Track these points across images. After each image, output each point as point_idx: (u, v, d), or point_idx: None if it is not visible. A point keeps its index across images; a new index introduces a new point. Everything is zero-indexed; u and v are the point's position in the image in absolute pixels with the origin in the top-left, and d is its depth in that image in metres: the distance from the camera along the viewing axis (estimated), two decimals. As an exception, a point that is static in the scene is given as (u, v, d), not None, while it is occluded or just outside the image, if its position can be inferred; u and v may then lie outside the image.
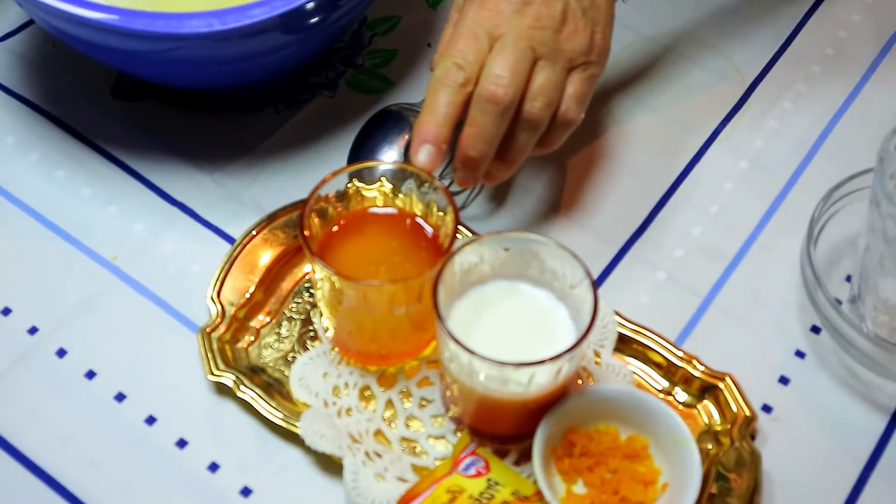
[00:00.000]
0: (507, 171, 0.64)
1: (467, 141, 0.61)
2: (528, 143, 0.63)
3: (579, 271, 0.57)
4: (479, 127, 0.60)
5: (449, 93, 0.60)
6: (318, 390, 0.62)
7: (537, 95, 0.61)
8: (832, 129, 0.76)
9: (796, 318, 0.67)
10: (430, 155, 0.59)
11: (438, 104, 0.60)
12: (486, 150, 0.61)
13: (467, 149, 0.61)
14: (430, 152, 0.59)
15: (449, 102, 0.60)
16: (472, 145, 0.61)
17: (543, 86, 0.61)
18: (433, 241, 0.61)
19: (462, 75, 0.60)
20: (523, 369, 0.54)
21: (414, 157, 0.60)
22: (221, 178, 0.71)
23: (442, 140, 0.59)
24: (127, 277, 0.67)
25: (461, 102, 0.60)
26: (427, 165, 0.59)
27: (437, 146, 0.59)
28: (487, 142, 0.61)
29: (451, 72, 0.60)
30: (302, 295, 0.66)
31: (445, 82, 0.60)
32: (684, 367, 0.64)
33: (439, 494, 0.57)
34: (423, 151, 0.59)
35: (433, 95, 0.60)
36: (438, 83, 0.60)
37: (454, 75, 0.60)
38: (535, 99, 0.61)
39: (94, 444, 0.61)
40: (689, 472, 0.57)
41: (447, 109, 0.60)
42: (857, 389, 0.64)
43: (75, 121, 0.73)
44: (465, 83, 0.60)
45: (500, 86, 0.59)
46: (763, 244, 0.70)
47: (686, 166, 0.74)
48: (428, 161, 0.59)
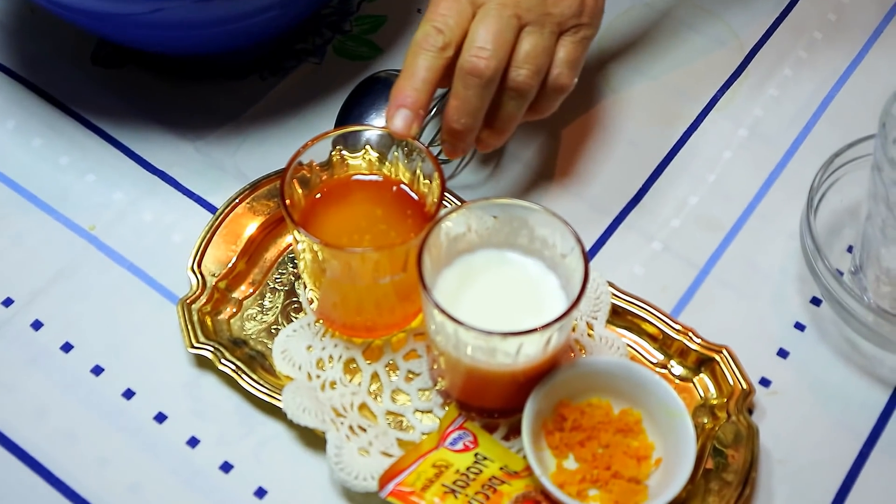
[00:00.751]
0: (497, 139, 0.62)
1: (451, 113, 0.59)
2: (516, 112, 0.61)
3: (570, 239, 0.55)
4: (463, 100, 0.59)
5: (428, 57, 0.58)
6: (301, 363, 0.60)
7: (523, 63, 0.59)
8: (834, 97, 0.74)
9: (796, 290, 0.65)
10: (407, 120, 0.57)
11: (417, 68, 0.58)
12: (471, 123, 0.60)
13: (452, 121, 0.60)
14: (407, 117, 0.57)
15: (427, 67, 0.58)
16: (457, 118, 0.59)
17: (530, 53, 0.59)
18: (419, 209, 0.59)
19: (441, 39, 0.58)
20: (511, 339, 0.52)
21: (389, 122, 0.58)
22: (204, 146, 0.69)
23: (419, 105, 0.58)
24: (105, 247, 0.65)
25: (440, 67, 0.58)
26: (402, 130, 0.57)
27: (413, 111, 0.57)
28: (471, 114, 0.59)
29: (431, 36, 0.58)
30: (286, 266, 0.65)
31: (424, 46, 0.58)
32: (680, 339, 0.62)
33: (425, 469, 0.55)
34: (399, 116, 0.57)
35: (412, 59, 0.58)
36: (417, 47, 0.58)
37: (433, 39, 0.58)
38: (521, 67, 0.59)
39: (71, 419, 0.59)
40: (683, 447, 0.55)
41: (425, 74, 0.58)
42: (858, 363, 0.63)
43: (54, 88, 0.71)
44: (445, 47, 0.58)
45: (482, 58, 0.58)
46: (762, 214, 0.68)
47: (683, 134, 0.72)
48: (403, 126, 0.57)
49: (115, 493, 0.57)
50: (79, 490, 0.57)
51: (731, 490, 0.56)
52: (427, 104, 0.58)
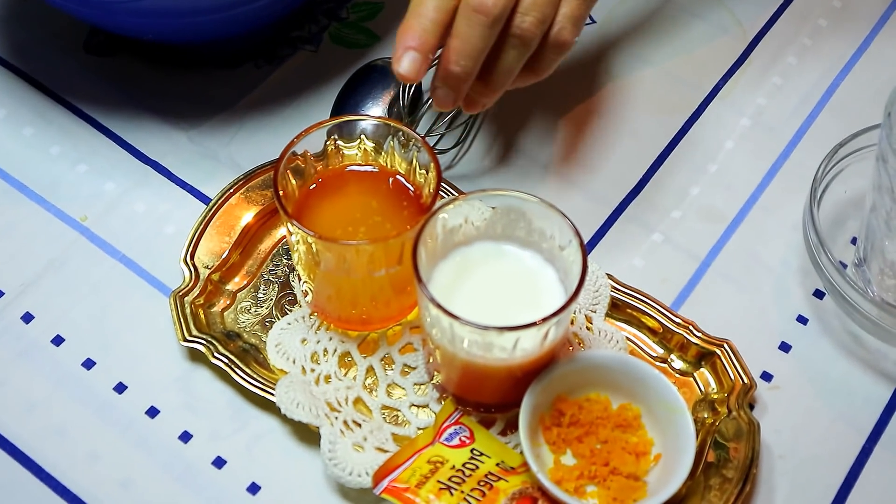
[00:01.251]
0: (489, 96, 0.58)
1: (451, 55, 0.55)
2: (515, 64, 0.57)
3: (568, 231, 0.54)
4: (464, 39, 0.55)
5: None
6: (295, 357, 0.59)
7: (530, 9, 0.55)
8: (838, 86, 0.72)
9: (798, 283, 0.64)
10: (415, 62, 0.54)
11: (425, 8, 0.54)
12: (471, 66, 0.55)
13: (450, 63, 0.55)
14: (415, 59, 0.54)
15: (436, 7, 0.54)
16: (456, 60, 0.55)
17: (537, 1, 0.56)
18: (416, 201, 0.58)
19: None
20: (507, 334, 0.51)
21: (396, 65, 0.54)
22: (198, 135, 0.68)
23: (428, 47, 0.54)
24: (97, 238, 0.64)
25: (451, 8, 0.54)
26: (410, 74, 0.54)
27: (422, 53, 0.54)
28: (473, 57, 0.55)
29: None
30: (280, 257, 0.64)
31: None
32: (681, 333, 0.61)
33: (420, 465, 0.54)
34: (408, 58, 0.54)
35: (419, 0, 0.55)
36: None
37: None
38: (528, 13, 0.55)
39: (61, 413, 0.58)
40: (683, 443, 0.54)
41: (435, 14, 0.54)
42: (862, 357, 0.62)
43: (45, 76, 0.70)
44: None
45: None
46: (764, 205, 0.67)
47: (685, 124, 0.70)
48: (412, 69, 0.54)
49: (106, 489, 0.56)
50: (69, 486, 0.56)
51: (732, 486, 0.55)
52: (435, 47, 0.54)
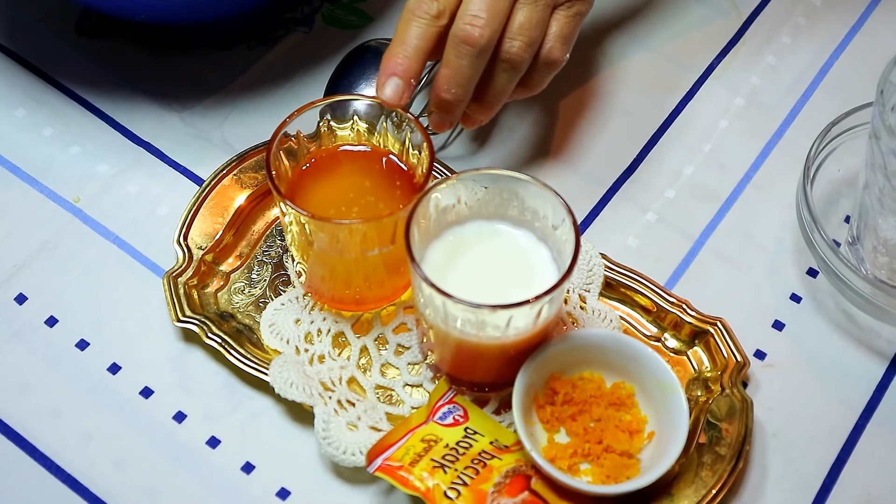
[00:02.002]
0: (485, 114, 0.61)
1: (442, 83, 0.58)
2: (507, 85, 0.60)
3: (561, 210, 0.54)
4: (454, 69, 0.57)
5: (421, 24, 0.57)
6: (289, 337, 0.59)
7: (517, 35, 0.58)
8: (832, 65, 0.72)
9: (792, 261, 0.64)
10: (398, 89, 0.56)
11: (409, 36, 0.57)
12: (462, 94, 0.58)
13: (442, 91, 0.58)
14: (398, 86, 0.56)
15: (420, 35, 0.57)
16: (447, 88, 0.58)
17: (524, 24, 0.58)
18: (409, 181, 0.58)
19: (435, 7, 0.57)
20: (500, 312, 0.51)
21: (380, 91, 0.56)
22: (190, 117, 0.68)
23: (411, 74, 0.56)
24: (90, 220, 0.64)
25: (433, 36, 0.57)
26: (393, 100, 0.56)
27: (405, 80, 0.56)
28: (463, 85, 0.58)
29: (424, 3, 0.57)
30: (274, 238, 0.64)
31: (417, 14, 0.57)
32: (674, 312, 0.61)
33: (414, 444, 0.54)
34: (391, 85, 0.56)
35: (404, 27, 0.57)
36: (410, 14, 0.57)
37: (427, 6, 0.57)
38: (515, 38, 0.58)
39: (55, 394, 0.58)
40: (676, 421, 0.54)
41: (417, 42, 0.56)
42: (855, 334, 0.62)
43: (37, 58, 0.70)
44: (439, 16, 0.57)
45: (477, 26, 0.56)
46: (758, 184, 0.67)
47: (678, 104, 0.70)
48: (394, 95, 0.56)
49: (100, 469, 0.56)
50: (63, 465, 0.56)
51: (725, 464, 0.55)
52: (419, 73, 0.57)
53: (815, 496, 0.56)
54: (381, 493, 0.56)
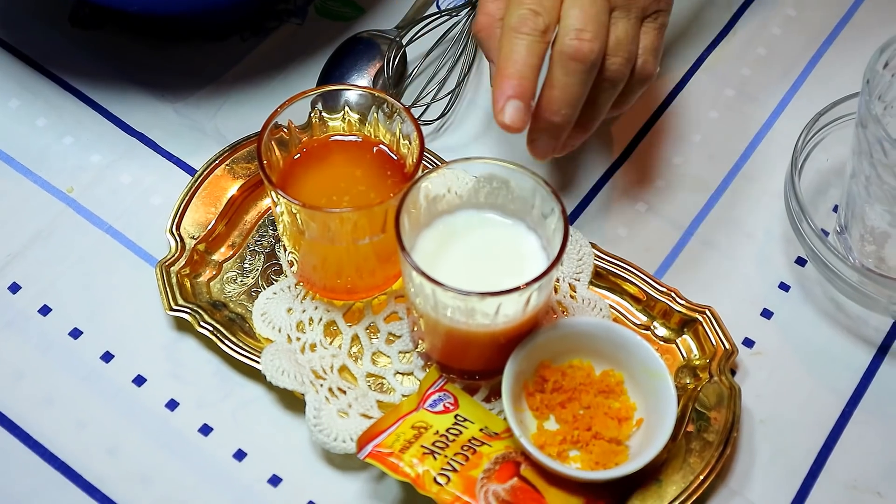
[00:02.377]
0: (581, 138, 0.58)
1: (551, 105, 0.54)
2: (606, 104, 0.57)
3: (550, 199, 0.54)
4: (563, 88, 0.54)
5: (529, 42, 0.53)
6: (281, 325, 0.60)
7: (617, 50, 0.55)
8: (822, 56, 0.73)
9: (781, 250, 0.65)
10: (519, 111, 0.52)
11: (518, 55, 0.53)
12: (571, 114, 0.55)
13: (551, 115, 0.54)
14: (519, 108, 0.52)
15: (530, 52, 0.53)
16: (557, 109, 0.54)
17: (622, 39, 0.55)
18: (399, 171, 0.59)
19: (541, 21, 0.53)
20: (489, 299, 0.52)
21: (499, 116, 0.52)
22: (184, 108, 0.68)
23: (529, 95, 0.52)
24: (83, 210, 0.64)
25: (542, 52, 0.53)
26: (516, 123, 0.52)
27: (524, 102, 0.52)
28: (573, 105, 0.54)
29: (529, 19, 0.53)
30: (266, 228, 0.64)
31: (523, 31, 0.53)
32: (663, 300, 0.61)
33: (404, 431, 0.54)
34: (511, 107, 0.52)
35: (510, 46, 0.53)
36: (514, 32, 0.53)
37: (532, 22, 0.53)
38: (615, 54, 0.55)
39: (49, 382, 0.58)
40: (664, 408, 0.55)
41: (531, 60, 0.53)
42: (843, 322, 0.62)
43: (31, 49, 0.70)
44: (546, 30, 0.53)
45: (585, 40, 0.53)
46: (747, 174, 0.68)
47: (669, 95, 0.71)
48: (517, 119, 0.52)
49: (93, 456, 0.56)
50: (57, 453, 0.56)
51: (712, 450, 0.56)
52: (534, 92, 0.53)
53: (802, 482, 0.57)
54: (371, 479, 0.56)
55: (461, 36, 0.70)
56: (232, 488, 0.56)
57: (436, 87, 0.69)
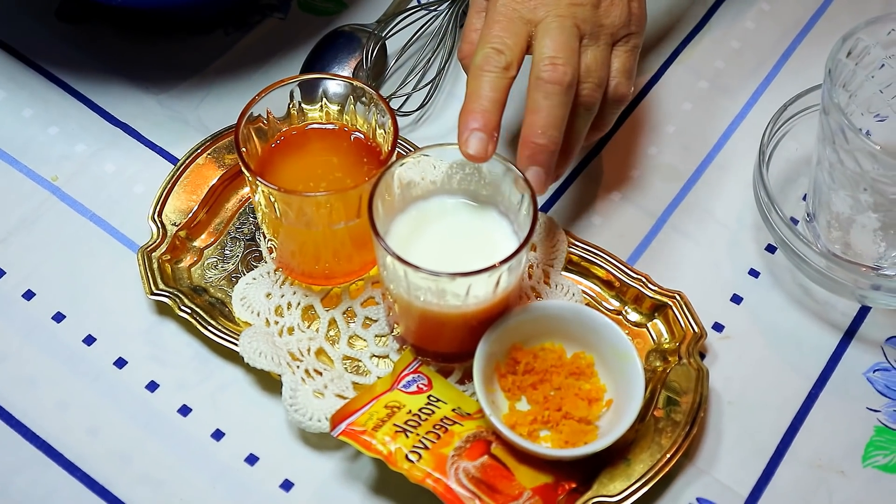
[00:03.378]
0: (565, 165, 0.60)
1: (533, 130, 0.57)
2: (583, 129, 0.60)
3: (521, 185, 0.56)
4: (545, 112, 0.57)
5: (491, 78, 0.56)
6: (259, 310, 0.61)
7: (587, 77, 0.58)
8: (795, 49, 0.74)
9: (751, 238, 0.66)
10: (482, 142, 0.55)
11: (483, 91, 0.56)
12: (557, 136, 0.57)
13: (536, 137, 0.56)
14: (482, 139, 0.55)
15: (493, 87, 0.56)
16: (542, 132, 0.56)
17: (591, 66, 0.58)
18: (375, 158, 0.60)
19: (503, 59, 0.57)
20: (459, 280, 0.53)
21: (463, 147, 0.55)
22: (167, 99, 0.70)
23: (492, 127, 0.56)
24: (67, 198, 0.65)
25: (505, 87, 0.57)
26: (479, 153, 0.55)
27: (487, 133, 0.55)
28: (556, 126, 0.57)
29: (492, 57, 0.57)
30: (247, 216, 0.65)
31: (486, 68, 0.57)
32: (635, 286, 0.62)
33: (377, 410, 0.56)
34: (475, 139, 0.55)
35: (476, 83, 0.57)
36: (479, 70, 0.57)
37: (495, 60, 0.57)
38: (586, 80, 0.58)
39: (31, 364, 0.60)
40: (633, 388, 0.56)
41: (493, 94, 0.56)
42: (811, 307, 0.63)
43: (18, 42, 0.71)
44: (508, 67, 0.57)
45: (559, 65, 0.56)
46: (720, 164, 0.69)
47: (644, 87, 0.72)
48: (480, 148, 0.55)
49: (74, 436, 0.58)
50: (39, 433, 0.58)
51: (680, 429, 0.57)
52: (498, 125, 0.56)
53: (768, 461, 0.58)
54: (346, 459, 0.57)
55: (440, 30, 0.72)
56: (210, 467, 0.57)
57: (415, 78, 0.70)
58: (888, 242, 0.61)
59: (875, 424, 0.59)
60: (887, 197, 0.57)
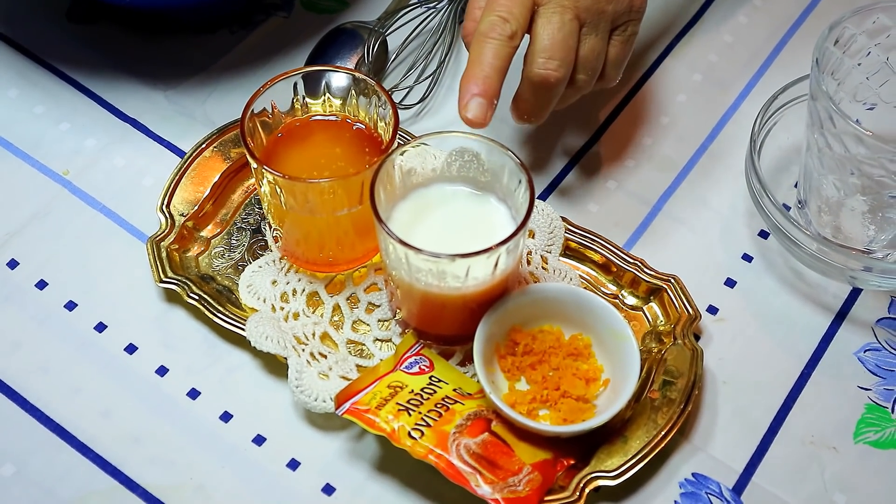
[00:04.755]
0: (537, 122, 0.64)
1: (520, 113, 0.62)
2: (568, 101, 0.64)
3: (519, 171, 0.57)
4: (532, 103, 0.61)
5: (495, 45, 0.58)
6: (265, 296, 0.63)
7: (583, 68, 0.61)
8: (787, 42, 0.76)
9: (744, 224, 0.68)
10: (481, 108, 0.57)
11: (485, 57, 0.58)
12: (539, 120, 0.63)
13: (520, 119, 0.62)
14: (481, 105, 0.57)
15: (496, 55, 0.58)
16: (528, 117, 0.62)
17: (588, 56, 0.61)
18: (377, 148, 0.62)
19: (508, 28, 0.58)
20: (459, 261, 0.55)
21: (463, 111, 0.57)
22: (174, 95, 0.72)
23: (492, 93, 0.58)
24: (78, 191, 0.67)
25: (508, 55, 0.59)
26: (478, 118, 0.57)
27: (486, 99, 0.57)
28: (539, 115, 0.62)
29: (497, 25, 0.58)
30: (253, 206, 0.67)
31: (491, 35, 0.58)
32: (631, 270, 0.64)
33: (380, 389, 0.57)
34: (474, 104, 0.57)
35: (479, 49, 0.58)
36: (484, 37, 0.59)
37: (500, 28, 0.58)
38: (582, 72, 0.61)
39: (45, 351, 0.61)
40: (629, 367, 0.58)
41: (495, 62, 0.58)
42: (803, 290, 0.65)
43: (30, 43, 0.73)
44: (512, 36, 0.59)
45: (551, 69, 0.59)
46: (713, 153, 0.71)
47: (639, 80, 0.74)
48: (479, 113, 0.57)
49: (87, 419, 0.59)
50: (53, 416, 0.59)
51: (675, 407, 0.58)
52: (498, 92, 0.58)
53: (761, 438, 0.60)
54: (351, 438, 0.59)
55: (440, 26, 0.74)
56: (219, 448, 0.59)
57: (415, 72, 0.72)
58: (877, 225, 0.63)
59: (866, 402, 0.61)
60: (874, 179, 0.59)
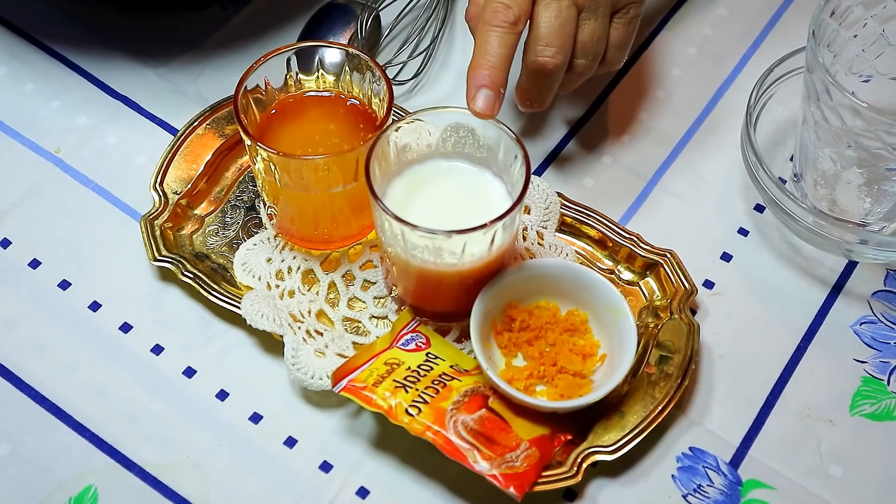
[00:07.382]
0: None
1: (522, 100, 0.62)
2: (571, 86, 0.64)
3: (514, 147, 0.57)
4: (532, 91, 0.61)
5: (500, 34, 0.58)
6: (260, 274, 0.63)
7: (582, 54, 0.61)
8: (781, 15, 0.76)
9: (740, 198, 0.67)
10: (489, 99, 0.57)
11: (490, 47, 0.58)
12: (541, 106, 0.63)
13: (522, 106, 0.63)
14: (489, 97, 0.57)
15: (501, 44, 0.58)
16: (529, 104, 0.62)
17: (587, 42, 0.60)
18: (372, 124, 0.61)
19: (511, 14, 0.58)
20: (455, 237, 0.55)
21: (471, 104, 0.57)
22: (166, 72, 0.71)
23: (499, 84, 0.57)
24: (70, 169, 0.67)
25: (513, 43, 0.59)
26: (486, 111, 0.57)
27: (494, 90, 0.57)
28: (540, 101, 0.62)
29: (500, 12, 0.58)
30: (247, 184, 0.67)
31: (495, 23, 0.58)
32: (627, 245, 0.64)
33: (377, 367, 0.57)
34: (482, 96, 0.57)
35: (483, 38, 0.58)
36: (487, 25, 0.58)
37: (503, 15, 0.58)
38: (580, 57, 0.61)
39: (40, 330, 0.61)
40: (626, 342, 0.58)
41: (501, 51, 0.58)
42: (799, 264, 0.65)
43: (19, 20, 0.73)
44: (516, 22, 0.58)
45: (549, 57, 0.59)
46: (708, 127, 0.70)
47: (634, 54, 0.73)
48: (487, 106, 0.57)
49: (83, 398, 0.59)
50: (48, 395, 0.59)
51: (672, 381, 0.58)
52: (505, 81, 0.58)
53: (758, 411, 0.60)
54: (347, 416, 0.59)
55: (433, 1, 0.73)
56: (215, 426, 0.59)
57: (409, 48, 0.71)
58: (873, 198, 0.63)
59: (862, 375, 0.61)
60: (870, 151, 0.59)
